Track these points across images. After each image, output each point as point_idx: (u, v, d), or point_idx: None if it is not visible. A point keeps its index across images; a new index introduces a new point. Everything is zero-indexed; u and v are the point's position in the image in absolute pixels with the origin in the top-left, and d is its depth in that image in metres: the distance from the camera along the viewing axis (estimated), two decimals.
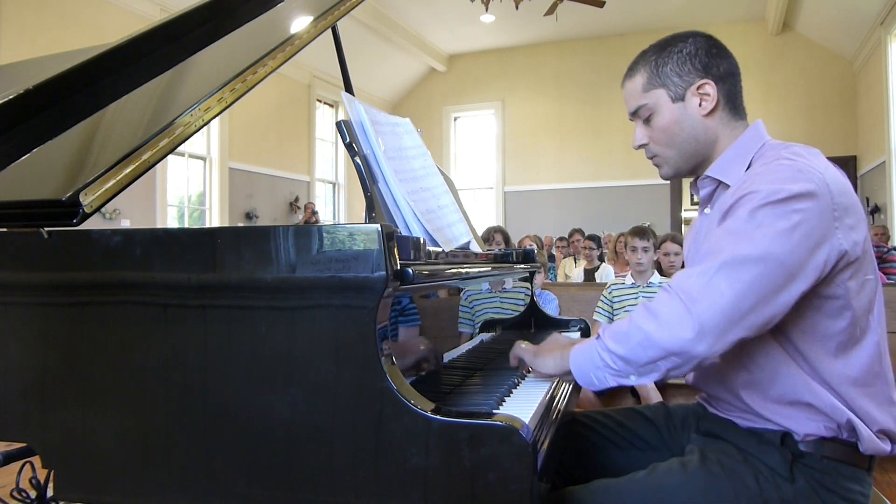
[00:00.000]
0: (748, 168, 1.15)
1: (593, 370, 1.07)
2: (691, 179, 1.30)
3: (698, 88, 1.17)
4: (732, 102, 1.20)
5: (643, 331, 1.00)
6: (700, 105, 1.18)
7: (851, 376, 1.07)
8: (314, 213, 9.32)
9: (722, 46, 1.21)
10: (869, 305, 1.08)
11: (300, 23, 1.54)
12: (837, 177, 1.05)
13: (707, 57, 1.18)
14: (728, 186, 1.16)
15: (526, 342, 1.31)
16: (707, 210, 1.25)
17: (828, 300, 1.05)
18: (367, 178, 1.28)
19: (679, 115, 1.19)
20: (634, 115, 1.24)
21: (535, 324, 1.96)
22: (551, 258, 6.85)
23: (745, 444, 1.14)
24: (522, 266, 1.86)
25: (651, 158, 1.26)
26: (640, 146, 1.25)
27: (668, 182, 10.43)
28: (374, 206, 1.25)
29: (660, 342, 0.98)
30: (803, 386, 1.07)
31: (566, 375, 1.16)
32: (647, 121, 1.22)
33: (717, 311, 0.96)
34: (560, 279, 6.33)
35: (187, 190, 8.40)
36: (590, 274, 5.80)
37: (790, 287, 0.98)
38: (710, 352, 0.97)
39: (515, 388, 1.24)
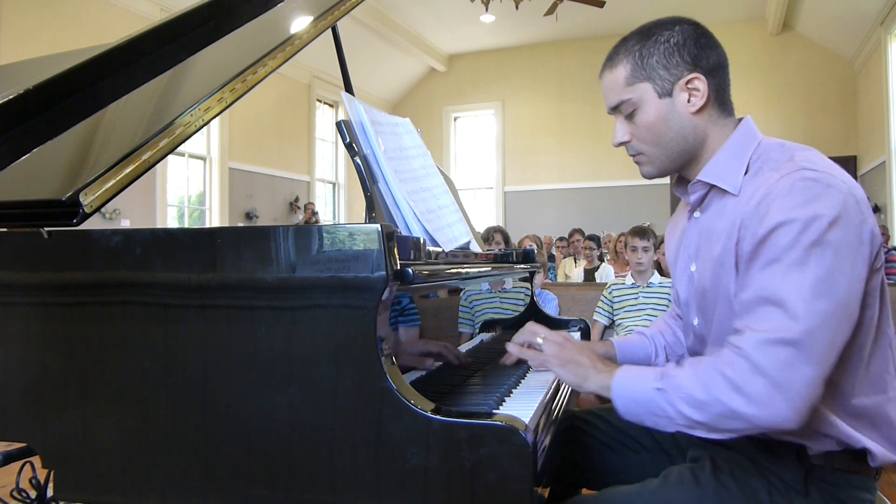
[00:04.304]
0: (746, 172, 1.08)
1: (649, 416, 1.02)
2: (674, 181, 1.23)
3: (687, 83, 1.09)
4: (721, 97, 1.12)
5: (727, 406, 0.94)
6: (689, 101, 1.09)
7: (873, 388, 1.03)
8: (314, 213, 9.32)
9: (710, 35, 1.12)
10: (881, 307, 1.05)
11: (300, 23, 1.54)
12: (853, 181, 1.01)
13: (696, 48, 1.09)
14: (724, 192, 1.10)
15: (545, 332, 1.20)
16: (697, 214, 1.17)
17: (862, 311, 1.00)
18: (367, 178, 1.28)
19: (666, 111, 1.10)
20: (615, 110, 1.15)
21: None
22: (551, 258, 6.84)
23: (757, 457, 1.11)
24: (522, 266, 1.86)
25: (633, 156, 1.17)
26: (621, 143, 1.17)
27: (669, 182, 10.47)
28: (374, 206, 1.25)
29: (750, 419, 0.94)
30: (820, 417, 1.03)
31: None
32: (629, 116, 1.13)
33: (809, 384, 0.93)
34: (560, 279, 6.33)
35: (187, 190, 8.40)
36: (590, 274, 5.80)
37: (855, 315, 0.97)
38: (802, 420, 0.94)
39: (515, 387, 1.24)
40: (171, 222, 7.96)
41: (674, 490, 1.10)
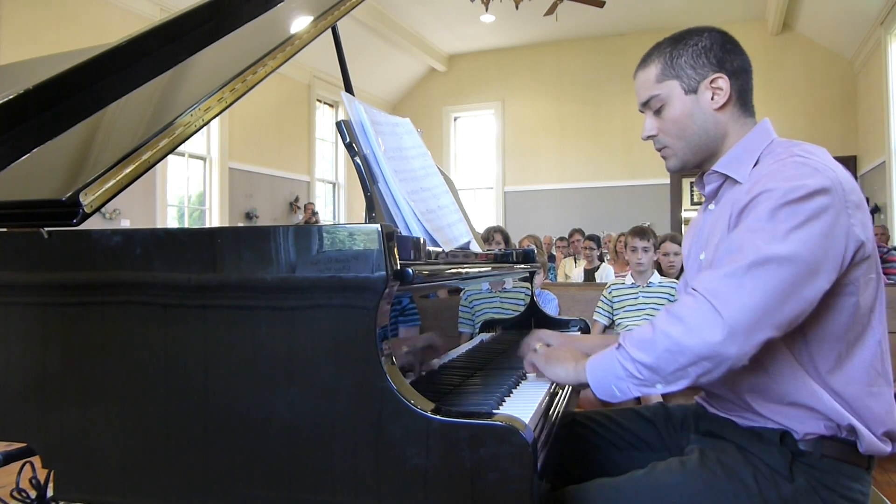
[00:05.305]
0: (756, 165, 1.16)
1: (615, 381, 1.05)
2: (695, 177, 1.31)
3: (711, 82, 1.18)
4: (743, 99, 1.21)
5: (670, 336, 0.99)
6: (712, 99, 1.19)
7: (855, 378, 1.08)
8: (314, 213, 9.32)
9: (736, 43, 1.22)
10: (872, 304, 1.10)
11: (300, 23, 1.54)
12: (847, 175, 1.08)
13: (722, 52, 1.19)
14: (736, 182, 1.17)
15: (541, 342, 1.31)
16: (711, 206, 1.25)
17: (840, 297, 1.06)
18: (367, 178, 1.28)
19: (691, 107, 1.19)
20: (645, 105, 1.25)
21: (535, 324, 1.96)
22: (551, 258, 6.84)
23: (744, 443, 1.14)
24: (522, 266, 1.86)
25: (659, 150, 1.26)
26: (649, 137, 1.26)
27: (669, 182, 10.48)
28: (374, 206, 1.25)
29: (689, 347, 0.97)
30: (806, 388, 1.07)
31: (579, 385, 1.15)
32: (657, 112, 1.23)
33: (747, 312, 0.96)
34: (560, 279, 6.33)
35: (187, 190, 8.39)
36: (590, 274, 5.80)
37: (815, 283, 1.00)
38: (740, 353, 0.96)
39: (515, 388, 1.24)
40: (171, 222, 7.95)
41: (661, 477, 1.13)
